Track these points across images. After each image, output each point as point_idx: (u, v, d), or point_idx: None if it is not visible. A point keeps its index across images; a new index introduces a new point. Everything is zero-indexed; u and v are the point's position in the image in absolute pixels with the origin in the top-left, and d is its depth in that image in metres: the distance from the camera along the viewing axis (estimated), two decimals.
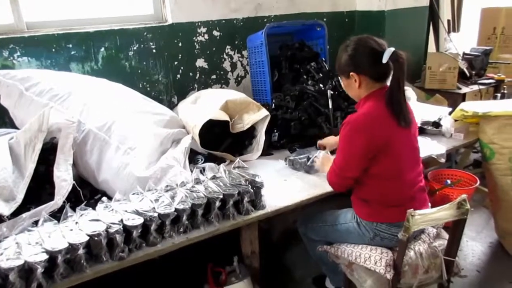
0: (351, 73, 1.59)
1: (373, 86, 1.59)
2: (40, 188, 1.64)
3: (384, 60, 1.49)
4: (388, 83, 1.59)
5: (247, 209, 1.60)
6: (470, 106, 2.38)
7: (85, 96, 1.93)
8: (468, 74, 3.46)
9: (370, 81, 1.58)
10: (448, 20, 4.30)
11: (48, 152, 1.69)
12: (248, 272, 1.81)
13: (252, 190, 1.59)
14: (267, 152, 2.25)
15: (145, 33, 2.55)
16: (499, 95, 3.10)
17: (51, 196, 1.53)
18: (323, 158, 1.91)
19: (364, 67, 1.56)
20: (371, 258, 1.61)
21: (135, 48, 2.53)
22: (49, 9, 2.37)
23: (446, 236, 1.74)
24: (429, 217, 1.49)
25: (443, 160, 2.17)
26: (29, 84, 1.96)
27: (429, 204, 1.73)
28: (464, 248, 2.52)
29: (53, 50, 2.29)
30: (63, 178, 1.55)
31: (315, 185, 1.84)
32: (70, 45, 2.33)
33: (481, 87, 3.40)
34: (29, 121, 1.72)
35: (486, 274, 2.31)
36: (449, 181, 2.36)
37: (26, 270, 1.18)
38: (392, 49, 1.51)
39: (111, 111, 1.89)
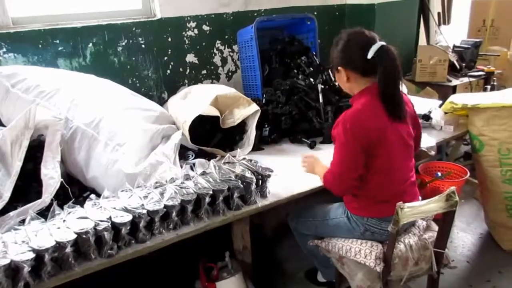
0: (339, 68, 1.59)
1: (362, 80, 1.56)
2: (27, 186, 1.62)
3: (369, 56, 1.47)
4: None
5: (237, 205, 1.59)
6: (459, 99, 2.39)
7: (72, 92, 1.91)
8: (458, 67, 3.47)
9: (358, 76, 1.56)
10: (439, 13, 4.31)
11: (36, 150, 1.67)
12: (240, 267, 1.81)
13: (242, 186, 1.58)
14: (258, 147, 2.25)
15: (133, 28, 2.52)
16: (489, 87, 3.13)
17: (38, 195, 1.51)
18: (312, 158, 1.80)
19: (350, 62, 1.54)
20: (361, 252, 1.61)
21: (123, 43, 2.51)
22: (35, 4, 2.33)
23: (436, 228, 1.75)
24: (418, 210, 1.49)
25: (433, 152, 2.18)
26: (16, 81, 1.93)
27: (420, 198, 1.74)
28: (454, 240, 2.55)
29: (40, 46, 2.26)
30: (51, 176, 1.54)
31: (307, 179, 1.84)
32: (57, 41, 2.30)
33: (471, 79, 3.42)
34: (15, 118, 1.70)
35: (476, 265, 2.33)
36: (439, 174, 2.38)
37: (13, 269, 1.17)
38: (379, 44, 1.47)
39: (99, 107, 1.87)
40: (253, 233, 1.83)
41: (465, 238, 2.58)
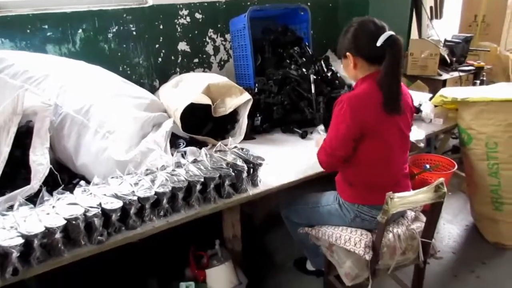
0: (347, 54, 1.61)
1: (368, 68, 1.59)
2: (15, 172, 1.60)
3: (378, 43, 1.49)
4: None
5: (228, 193, 1.59)
6: (449, 92, 2.42)
7: (62, 78, 1.87)
8: (449, 61, 3.51)
9: (365, 63, 1.59)
10: (431, 7, 4.33)
11: (24, 136, 1.64)
12: (230, 256, 1.82)
13: (233, 174, 1.58)
14: (249, 136, 2.25)
15: (124, 15, 2.48)
16: (478, 81, 3.17)
17: (26, 181, 1.49)
18: (319, 139, 1.96)
19: (359, 48, 1.58)
20: (351, 240, 1.63)
21: (114, 30, 2.47)
22: None
23: (424, 219, 1.78)
24: (407, 200, 1.52)
25: (422, 145, 2.21)
26: (3, 66, 1.89)
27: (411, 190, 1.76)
28: (441, 231, 2.60)
29: (28, 31, 2.21)
30: (40, 162, 1.52)
31: (297, 170, 1.84)
32: (46, 26, 2.25)
33: (461, 74, 3.46)
34: (2, 104, 1.66)
35: (461, 256, 2.39)
36: (428, 166, 2.41)
37: (1, 255, 1.15)
38: (389, 33, 1.50)
39: (89, 94, 1.84)
40: (243, 222, 1.83)
41: (451, 229, 2.63)
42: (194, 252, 1.86)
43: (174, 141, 2.00)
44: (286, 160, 1.96)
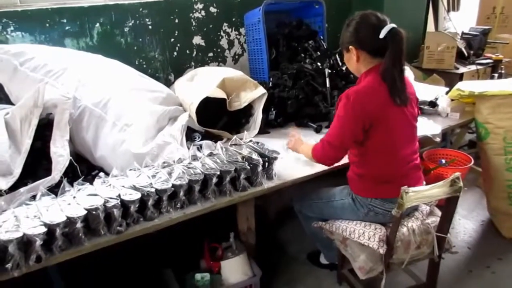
0: (350, 47, 1.61)
1: (371, 61, 1.59)
2: (36, 163, 1.64)
3: (381, 36, 1.49)
4: None
5: (244, 186, 1.61)
6: (466, 86, 2.39)
7: (80, 72, 1.91)
8: (466, 54, 3.44)
9: (368, 56, 1.59)
10: None
11: (44, 128, 1.68)
12: (244, 248, 1.84)
13: (248, 167, 1.60)
14: (264, 130, 2.26)
15: (140, 9, 2.50)
16: (496, 75, 3.10)
17: (47, 172, 1.53)
18: (297, 136, 1.90)
19: (362, 41, 1.58)
20: (365, 234, 1.64)
21: (130, 24, 2.50)
22: None
23: (439, 213, 1.77)
24: (422, 194, 1.51)
25: (438, 139, 2.18)
26: (24, 59, 1.93)
27: (424, 182, 1.75)
28: (456, 226, 2.57)
29: (47, 25, 2.25)
30: (60, 154, 1.56)
31: (312, 163, 1.85)
32: (64, 20, 2.30)
33: (478, 67, 3.39)
34: (24, 96, 1.71)
35: (476, 251, 2.36)
36: (443, 161, 2.39)
37: (25, 243, 1.20)
38: (391, 26, 1.51)
39: (107, 87, 1.87)
40: (256, 216, 1.85)
41: (466, 224, 2.60)
42: (209, 244, 1.89)
43: (189, 134, 2.02)
44: (301, 154, 1.96)
